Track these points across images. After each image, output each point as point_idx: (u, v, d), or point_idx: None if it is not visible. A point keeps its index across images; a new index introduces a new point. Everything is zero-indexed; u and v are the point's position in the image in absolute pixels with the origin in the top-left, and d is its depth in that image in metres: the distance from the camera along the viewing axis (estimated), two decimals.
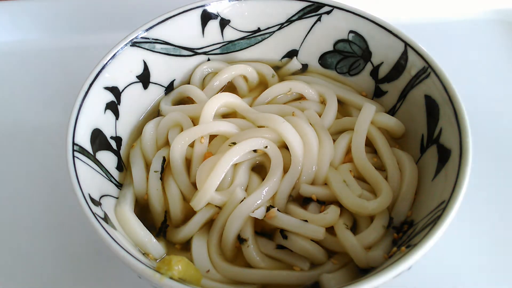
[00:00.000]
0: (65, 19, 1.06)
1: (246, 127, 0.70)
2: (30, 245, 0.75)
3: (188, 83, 0.82)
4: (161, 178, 0.68)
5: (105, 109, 0.69)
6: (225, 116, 0.76)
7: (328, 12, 0.78)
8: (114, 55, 0.70)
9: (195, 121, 0.72)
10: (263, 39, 0.84)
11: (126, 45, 0.72)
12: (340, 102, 0.78)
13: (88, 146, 0.63)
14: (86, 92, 0.66)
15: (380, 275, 0.49)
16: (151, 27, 0.74)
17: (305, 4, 0.79)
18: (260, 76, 0.83)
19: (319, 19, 0.80)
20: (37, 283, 0.71)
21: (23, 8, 1.06)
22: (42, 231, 0.76)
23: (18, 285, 0.72)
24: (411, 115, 0.72)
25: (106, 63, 0.69)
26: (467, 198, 0.54)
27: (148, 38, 0.75)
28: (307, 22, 0.81)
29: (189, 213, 0.66)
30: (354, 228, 0.65)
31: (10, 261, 0.74)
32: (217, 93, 0.78)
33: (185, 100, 0.80)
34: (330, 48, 0.82)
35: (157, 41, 0.76)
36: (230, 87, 0.82)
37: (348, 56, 0.81)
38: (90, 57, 0.72)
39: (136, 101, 0.77)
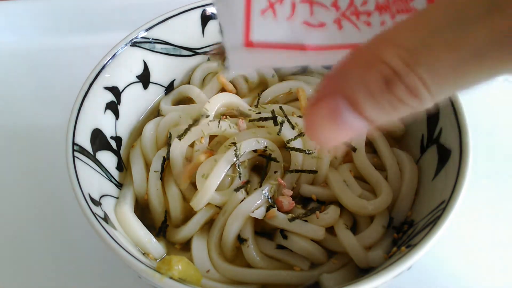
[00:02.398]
0: (65, 19, 1.05)
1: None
2: (29, 245, 0.75)
3: (188, 83, 0.82)
4: (161, 178, 0.68)
5: (105, 109, 0.69)
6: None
7: None
8: (114, 55, 0.70)
9: None
10: None
11: (126, 45, 0.72)
12: None
13: (88, 146, 0.63)
14: (86, 92, 0.66)
15: (380, 275, 0.49)
16: (151, 27, 0.74)
17: None
18: (260, 76, 0.83)
19: None
20: (37, 283, 0.71)
21: (23, 8, 1.06)
22: (41, 231, 0.76)
23: (17, 285, 0.71)
24: (411, 115, 0.72)
25: (106, 63, 0.69)
26: (467, 198, 0.54)
27: (148, 38, 0.75)
28: None
29: (189, 213, 0.66)
30: (354, 228, 0.65)
31: (9, 260, 0.74)
32: (217, 93, 0.78)
33: (185, 100, 0.80)
34: None
35: (157, 41, 0.76)
36: None
37: None
38: (90, 57, 0.72)
39: (136, 101, 0.76)
